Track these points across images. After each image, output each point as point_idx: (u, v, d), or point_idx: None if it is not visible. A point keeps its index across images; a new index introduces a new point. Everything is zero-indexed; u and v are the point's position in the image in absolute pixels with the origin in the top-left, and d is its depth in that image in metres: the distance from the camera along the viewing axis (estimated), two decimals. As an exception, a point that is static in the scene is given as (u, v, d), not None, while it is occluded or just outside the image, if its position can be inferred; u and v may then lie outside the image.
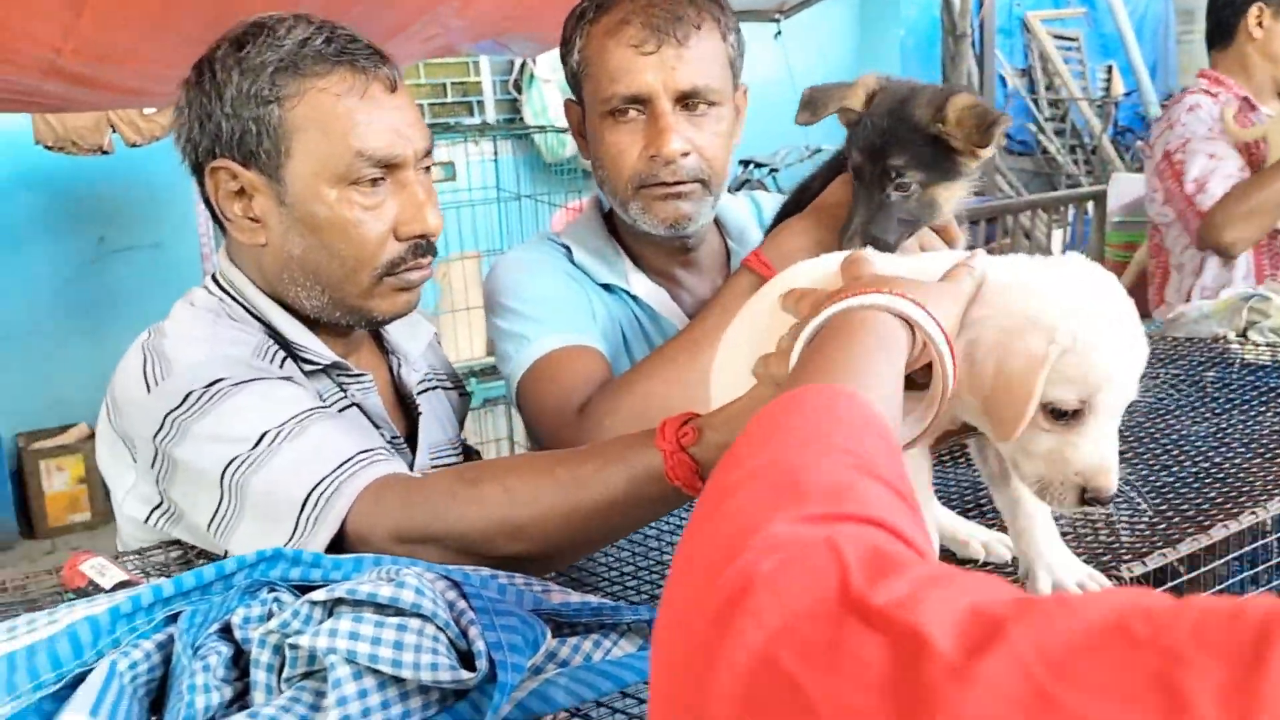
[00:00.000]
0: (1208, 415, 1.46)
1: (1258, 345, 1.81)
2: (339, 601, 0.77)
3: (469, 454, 1.57)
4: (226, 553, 1.10)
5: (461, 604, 0.81)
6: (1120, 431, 1.31)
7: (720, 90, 1.46)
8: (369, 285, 1.27)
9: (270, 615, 0.81)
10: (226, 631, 0.81)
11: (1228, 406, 1.50)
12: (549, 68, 5.70)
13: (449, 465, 1.48)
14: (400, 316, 1.34)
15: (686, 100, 1.43)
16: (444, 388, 1.56)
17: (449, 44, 3.19)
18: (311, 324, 1.32)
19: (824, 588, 0.46)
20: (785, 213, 1.47)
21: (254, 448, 1.10)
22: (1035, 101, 9.80)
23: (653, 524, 1.18)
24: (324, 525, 1.04)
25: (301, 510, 1.05)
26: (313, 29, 1.23)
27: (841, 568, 0.47)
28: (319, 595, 0.77)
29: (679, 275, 1.59)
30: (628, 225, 1.52)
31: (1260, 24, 2.89)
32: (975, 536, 1.05)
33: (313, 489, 1.05)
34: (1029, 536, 0.94)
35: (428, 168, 1.31)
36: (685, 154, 1.43)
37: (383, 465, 1.10)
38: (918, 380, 0.82)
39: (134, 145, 4.58)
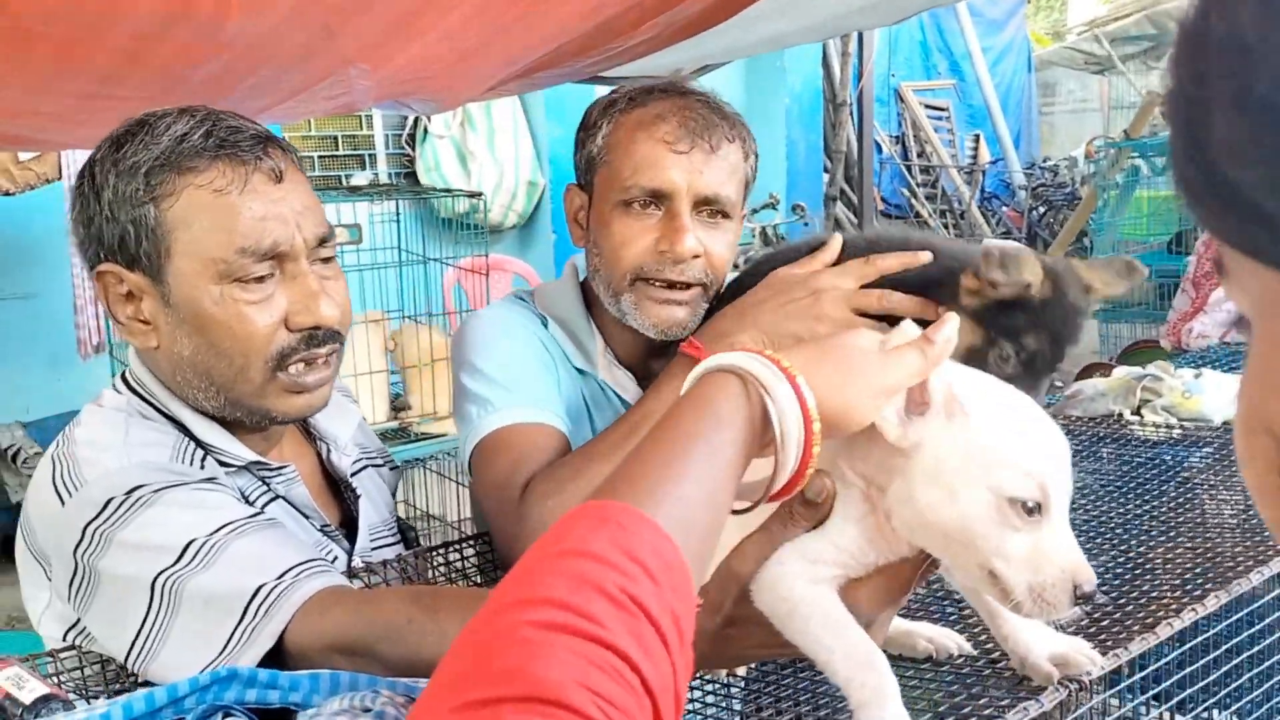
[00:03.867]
0: (1117, 497, 1.51)
1: (1154, 424, 1.89)
2: (310, 732, 0.74)
3: (404, 531, 1.53)
4: (140, 677, 1.04)
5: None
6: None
7: (735, 204, 1.47)
8: (261, 382, 1.21)
9: (226, 743, 0.77)
10: (178, 761, 0.76)
11: (1133, 485, 1.57)
12: (443, 125, 5.68)
13: (389, 546, 1.44)
14: (305, 417, 1.29)
15: (704, 206, 1.44)
16: (375, 465, 1.52)
17: (352, 103, 3.14)
18: (225, 422, 1.26)
19: None
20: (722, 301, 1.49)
21: (180, 557, 1.05)
22: (908, 168, 10.19)
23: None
24: (263, 635, 1.00)
25: (241, 619, 1.00)
26: (193, 123, 1.18)
27: None
28: (290, 727, 0.73)
29: (650, 364, 1.57)
30: (612, 312, 1.50)
31: None
32: (920, 634, 1.06)
33: (254, 596, 1.01)
34: (1015, 637, 0.95)
35: (326, 258, 1.26)
36: (696, 256, 1.43)
37: (325, 577, 1.07)
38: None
39: (7, 194, 4.37)
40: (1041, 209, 9.88)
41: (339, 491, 1.42)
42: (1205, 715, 1.28)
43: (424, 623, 0.99)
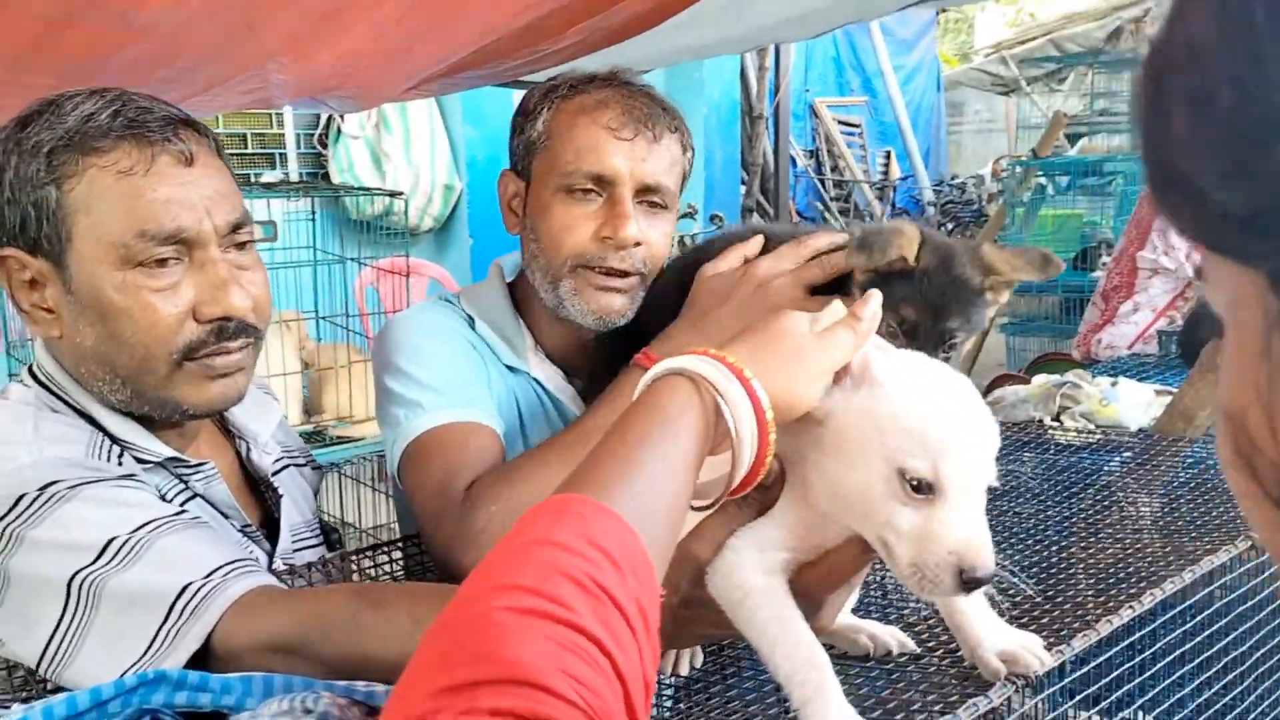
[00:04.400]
0: (1041, 500, 1.54)
1: (1075, 430, 1.93)
2: (248, 736, 0.70)
3: (326, 533, 1.48)
4: (53, 683, 0.98)
5: (377, 729, 0.74)
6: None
7: (674, 195, 1.47)
8: (166, 373, 1.16)
9: (154, 749, 0.72)
10: (101, 770, 0.72)
11: (1055, 489, 1.60)
12: (357, 125, 5.58)
13: (310, 548, 1.39)
14: (219, 410, 1.24)
15: (646, 195, 1.43)
16: (297, 465, 1.47)
17: (268, 98, 3.07)
18: (139, 418, 1.21)
19: None
20: (651, 300, 1.48)
21: (100, 555, 1.00)
22: (822, 181, 10.34)
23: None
24: (189, 636, 0.95)
25: (165, 619, 0.96)
26: (103, 103, 1.14)
27: None
28: (228, 730, 0.69)
29: (577, 360, 1.55)
30: (546, 304, 1.48)
31: None
32: (863, 630, 1.05)
33: (179, 595, 0.96)
34: (966, 629, 0.94)
35: (242, 244, 1.21)
36: (638, 243, 1.42)
37: (255, 576, 1.03)
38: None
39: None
40: (950, 225, 10.11)
41: (259, 491, 1.37)
42: (1130, 718, 1.30)
43: (369, 617, 0.96)
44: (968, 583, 0.80)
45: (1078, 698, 1.17)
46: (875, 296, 0.88)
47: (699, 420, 0.78)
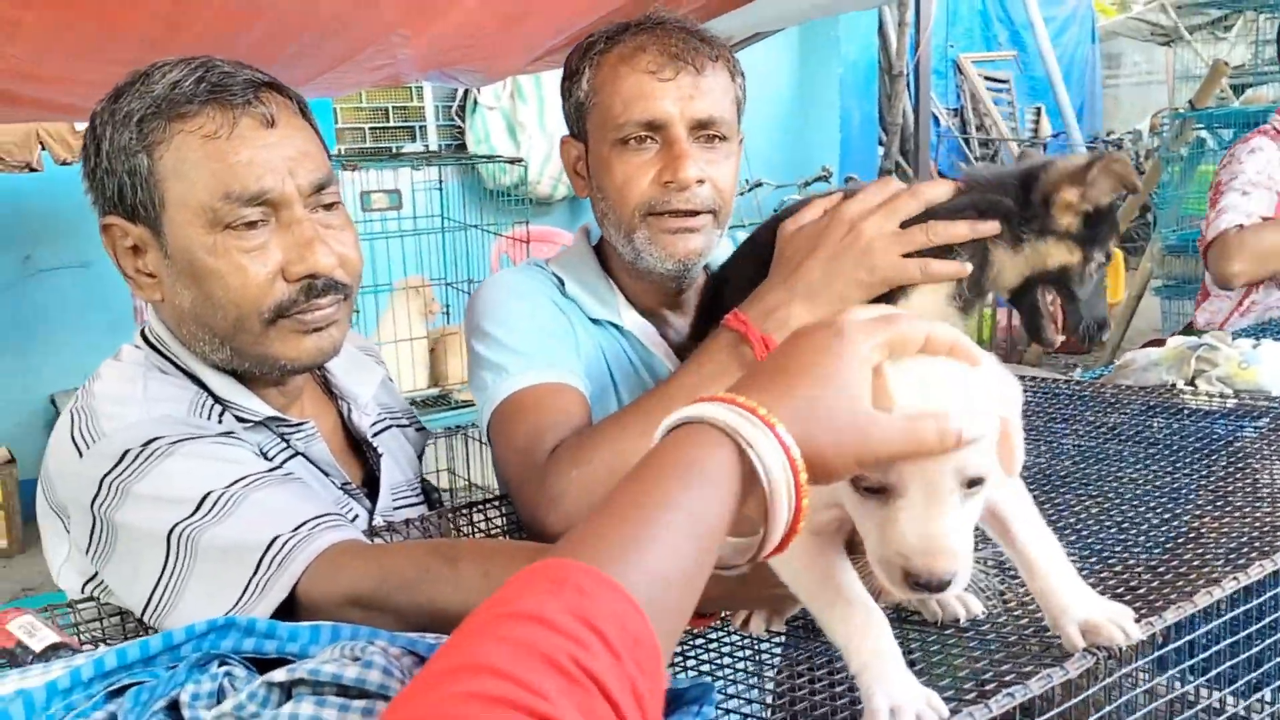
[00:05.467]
0: (1166, 467, 1.46)
1: (1207, 394, 1.82)
2: (299, 682, 0.72)
3: (428, 493, 1.52)
4: (155, 630, 1.04)
5: (430, 680, 0.76)
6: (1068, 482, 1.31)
7: (731, 125, 1.44)
8: (260, 330, 1.19)
9: (221, 692, 0.75)
10: (173, 709, 0.75)
11: (1183, 455, 1.51)
12: (492, 96, 5.66)
13: (411, 507, 1.43)
14: (315, 363, 1.27)
15: (701, 130, 1.41)
16: (400, 425, 1.51)
17: (396, 74, 3.14)
18: (242, 377, 1.26)
19: None
20: (737, 260, 1.46)
21: (198, 509, 1.05)
22: (967, 141, 10.00)
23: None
24: (276, 586, 1.00)
25: (256, 570, 1.00)
26: (187, 70, 1.17)
27: None
28: (278, 676, 0.72)
29: (667, 314, 1.56)
30: (625, 259, 1.48)
31: None
32: (962, 599, 1.01)
33: (268, 548, 1.01)
34: (1049, 596, 0.90)
35: (330, 204, 1.23)
36: (700, 182, 1.40)
37: (341, 530, 1.06)
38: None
39: (64, 163, 4.43)
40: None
41: (360, 451, 1.41)
42: (1242, 690, 1.23)
43: (440, 571, 0.98)
44: (916, 586, 0.77)
45: (1183, 665, 1.11)
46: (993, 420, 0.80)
47: (730, 481, 0.69)
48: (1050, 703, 0.87)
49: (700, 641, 1.08)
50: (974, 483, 0.79)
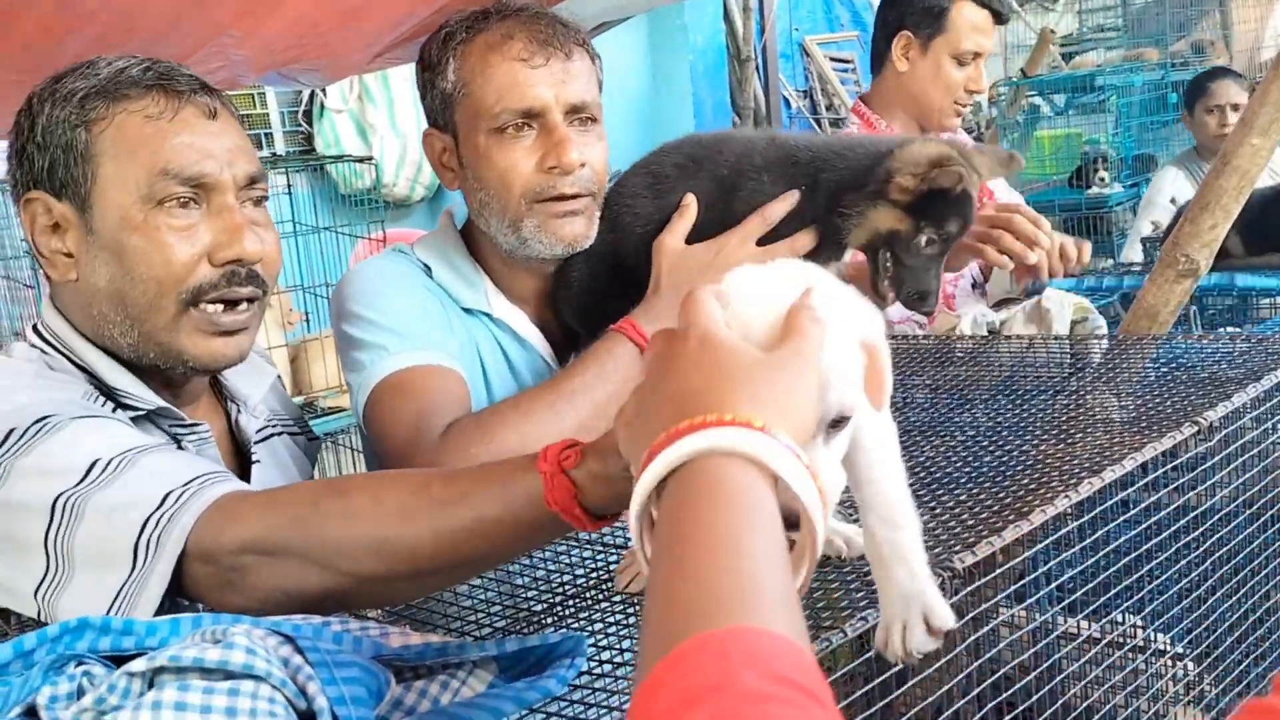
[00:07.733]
0: (1008, 404, 1.54)
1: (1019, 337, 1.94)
2: (160, 670, 0.71)
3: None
4: (51, 616, 1.01)
5: (297, 659, 0.76)
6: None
7: (599, 107, 1.48)
8: (174, 314, 1.20)
9: (81, 691, 0.74)
10: (31, 714, 0.73)
11: (1027, 395, 1.59)
12: (339, 98, 5.56)
13: None
14: (219, 367, 1.27)
15: (575, 114, 1.44)
16: (289, 433, 1.48)
17: (232, 77, 3.04)
18: (139, 372, 1.25)
19: None
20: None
21: (85, 475, 1.02)
22: (818, 121, 10.23)
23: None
24: (170, 540, 0.97)
25: (143, 527, 0.98)
26: (134, 61, 1.22)
27: None
28: (138, 665, 0.71)
29: (535, 299, 1.57)
30: (505, 248, 1.49)
31: (906, 56, 2.43)
32: (840, 533, 1.03)
33: (161, 504, 0.99)
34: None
35: (258, 200, 1.27)
36: (583, 165, 1.43)
37: (229, 484, 1.04)
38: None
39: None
40: (949, 155, 10.00)
41: (244, 456, 1.38)
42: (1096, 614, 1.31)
43: (331, 504, 0.97)
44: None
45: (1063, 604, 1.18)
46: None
47: (773, 506, 0.67)
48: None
49: (575, 602, 1.09)
50: (838, 422, 0.77)
